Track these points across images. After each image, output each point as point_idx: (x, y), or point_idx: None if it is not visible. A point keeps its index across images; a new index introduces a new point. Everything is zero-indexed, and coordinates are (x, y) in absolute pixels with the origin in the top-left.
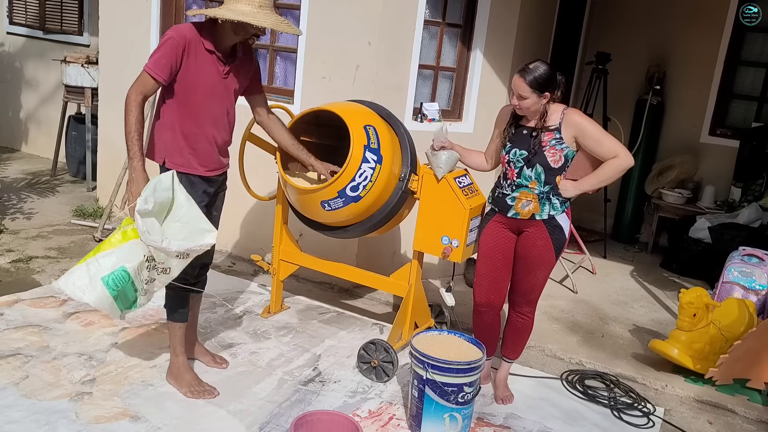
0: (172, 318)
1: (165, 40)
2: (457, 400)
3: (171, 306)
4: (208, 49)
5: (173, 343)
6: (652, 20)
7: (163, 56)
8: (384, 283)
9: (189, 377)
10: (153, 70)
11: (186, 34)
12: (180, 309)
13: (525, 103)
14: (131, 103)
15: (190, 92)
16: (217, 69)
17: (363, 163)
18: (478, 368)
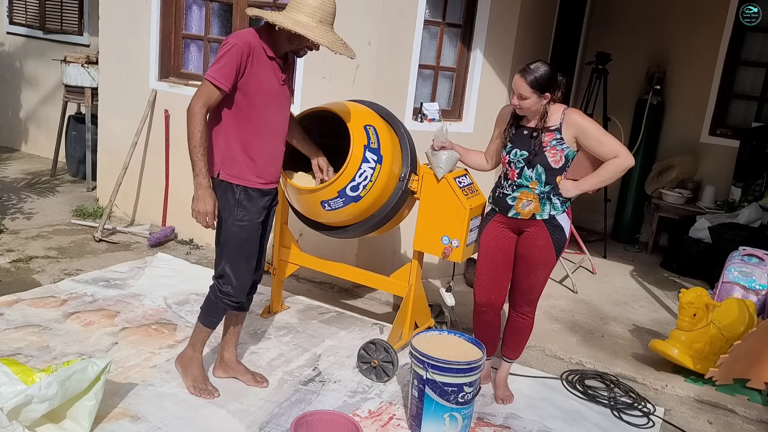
0: (204, 321)
1: (229, 47)
2: (457, 400)
3: (207, 310)
4: (269, 56)
5: (195, 339)
6: (652, 20)
7: (227, 64)
8: (384, 283)
9: (197, 372)
10: (217, 80)
11: (250, 41)
12: (214, 318)
13: (525, 104)
14: (196, 116)
15: (251, 100)
16: (277, 75)
17: (363, 163)
18: (478, 368)
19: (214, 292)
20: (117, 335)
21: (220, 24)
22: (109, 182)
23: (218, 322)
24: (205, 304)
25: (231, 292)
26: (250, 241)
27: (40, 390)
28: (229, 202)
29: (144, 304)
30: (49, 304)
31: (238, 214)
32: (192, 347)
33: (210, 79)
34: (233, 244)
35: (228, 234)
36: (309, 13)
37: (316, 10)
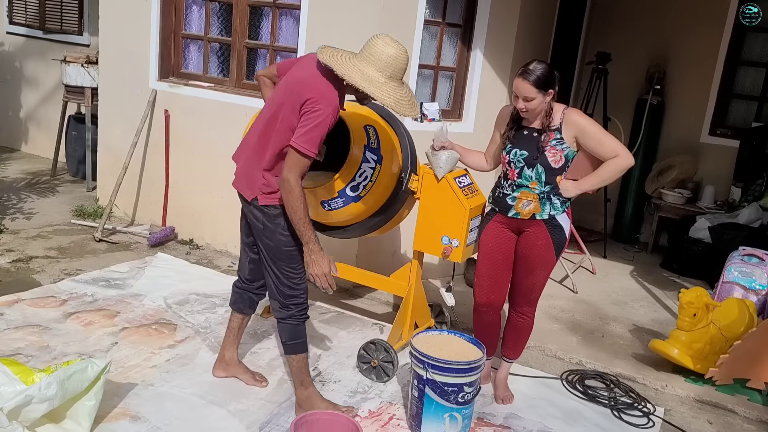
0: (294, 350)
1: (322, 117)
2: (457, 400)
3: (290, 337)
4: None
5: (301, 375)
6: (652, 20)
7: (319, 136)
8: (384, 283)
9: (323, 405)
10: (310, 150)
11: (336, 105)
12: (298, 340)
13: (532, 105)
14: (295, 190)
15: None
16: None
17: (363, 163)
18: (478, 368)
19: (281, 313)
20: (117, 335)
21: (220, 24)
22: (109, 182)
23: (306, 342)
24: (285, 335)
25: (302, 302)
26: (299, 248)
27: (39, 390)
28: (271, 217)
29: (144, 304)
30: (49, 304)
31: (284, 224)
32: (301, 386)
33: (303, 151)
34: (286, 253)
35: (279, 246)
36: (380, 68)
37: (387, 66)
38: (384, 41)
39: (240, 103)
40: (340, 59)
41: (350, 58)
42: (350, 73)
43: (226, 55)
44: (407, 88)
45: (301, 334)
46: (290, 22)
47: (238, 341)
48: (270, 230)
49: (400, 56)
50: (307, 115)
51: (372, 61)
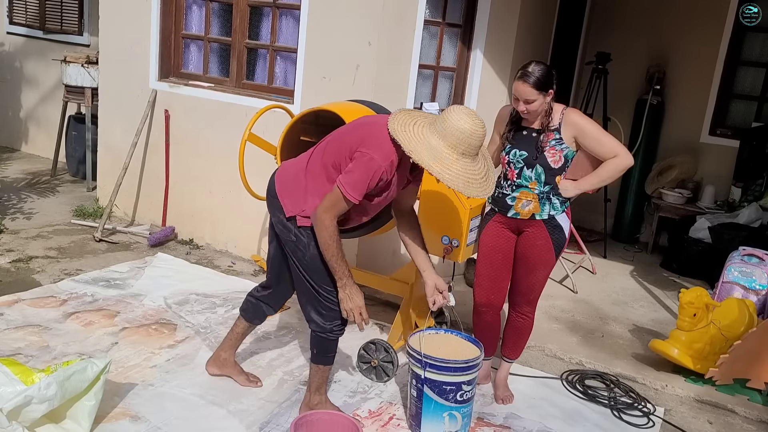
0: (323, 362)
1: (373, 167)
2: (456, 399)
3: (321, 351)
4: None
5: (318, 383)
6: (652, 20)
7: (366, 182)
8: (384, 283)
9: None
10: (354, 197)
11: (393, 160)
12: (328, 354)
13: (533, 106)
14: (329, 229)
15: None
16: (402, 182)
17: None
18: (476, 366)
19: (320, 329)
20: (117, 335)
21: (220, 24)
22: (109, 182)
23: (335, 355)
24: (316, 348)
25: (335, 317)
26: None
27: (39, 390)
28: (307, 231)
29: (144, 304)
30: (49, 304)
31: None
32: (317, 392)
33: (347, 196)
34: (323, 267)
35: (314, 260)
36: (452, 144)
37: (460, 142)
38: (459, 115)
39: (240, 103)
40: (410, 130)
41: (422, 130)
42: (418, 150)
43: (226, 55)
44: (483, 163)
45: (333, 347)
46: (290, 22)
47: (237, 345)
48: (304, 244)
49: (476, 132)
50: (357, 159)
51: (444, 135)
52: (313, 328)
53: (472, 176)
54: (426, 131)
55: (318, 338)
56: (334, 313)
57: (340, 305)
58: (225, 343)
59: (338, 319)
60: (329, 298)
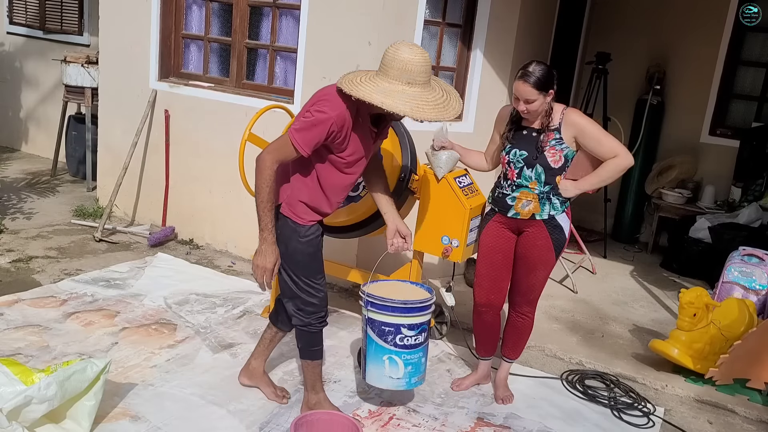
0: (310, 356)
1: (323, 118)
2: (395, 342)
3: (305, 344)
4: (361, 119)
5: (313, 381)
6: (652, 20)
7: (316, 135)
8: None
9: None
10: (300, 145)
11: (344, 115)
12: (313, 347)
13: (533, 106)
14: (266, 171)
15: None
16: (367, 141)
17: None
18: (419, 310)
19: (299, 320)
20: (117, 335)
21: (220, 24)
22: (109, 182)
23: (322, 349)
24: (301, 340)
25: (315, 310)
26: (317, 254)
27: (39, 391)
28: (289, 224)
29: (144, 304)
30: (49, 304)
31: (301, 230)
32: (312, 390)
33: (293, 142)
34: (304, 260)
35: (295, 253)
36: (395, 76)
37: (402, 72)
38: (395, 47)
39: (240, 103)
40: (358, 81)
41: (370, 78)
42: (367, 92)
43: (226, 55)
44: (440, 91)
45: (317, 341)
46: (290, 22)
47: (267, 353)
48: (285, 236)
49: (415, 59)
50: (310, 112)
51: (387, 71)
52: (295, 323)
53: (423, 102)
54: (373, 77)
55: (300, 332)
56: (313, 307)
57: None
58: (255, 350)
59: (319, 312)
60: (309, 291)
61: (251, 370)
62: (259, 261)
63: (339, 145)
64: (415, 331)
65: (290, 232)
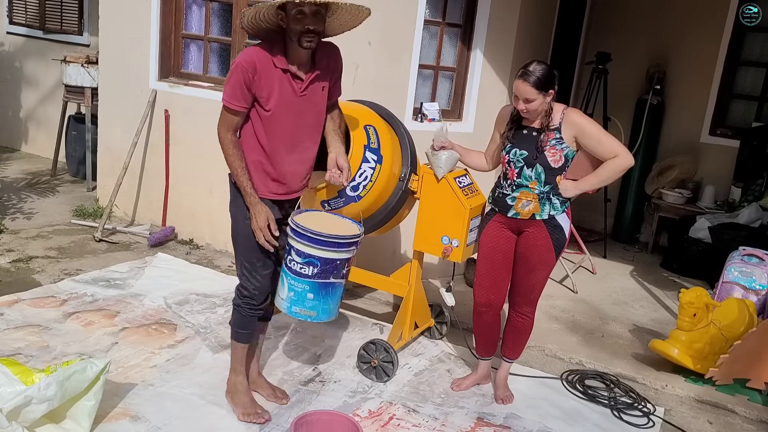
0: (234, 337)
1: (233, 67)
2: (286, 262)
3: (235, 324)
4: (281, 68)
5: (233, 361)
6: (652, 20)
7: (235, 84)
8: (384, 283)
9: (245, 399)
10: (229, 102)
11: (254, 57)
12: (243, 330)
13: (533, 105)
14: (223, 142)
15: (264, 116)
16: (293, 87)
17: (363, 163)
18: (311, 240)
19: (235, 299)
20: (117, 335)
21: (220, 24)
22: (109, 182)
23: (250, 335)
24: (232, 319)
25: (248, 295)
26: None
27: (39, 391)
28: (239, 200)
29: (144, 304)
30: (49, 304)
31: (248, 213)
32: (233, 371)
33: (224, 102)
34: (246, 244)
35: (239, 233)
36: None
37: None
38: None
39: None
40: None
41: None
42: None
43: (226, 55)
44: None
45: (247, 326)
46: None
47: (258, 353)
48: (232, 213)
49: None
50: None
51: None
52: (233, 298)
53: None
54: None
55: (233, 309)
56: (248, 292)
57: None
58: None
59: (252, 300)
60: (245, 275)
61: (249, 376)
62: (252, 224)
63: (259, 94)
64: (302, 259)
65: (238, 209)
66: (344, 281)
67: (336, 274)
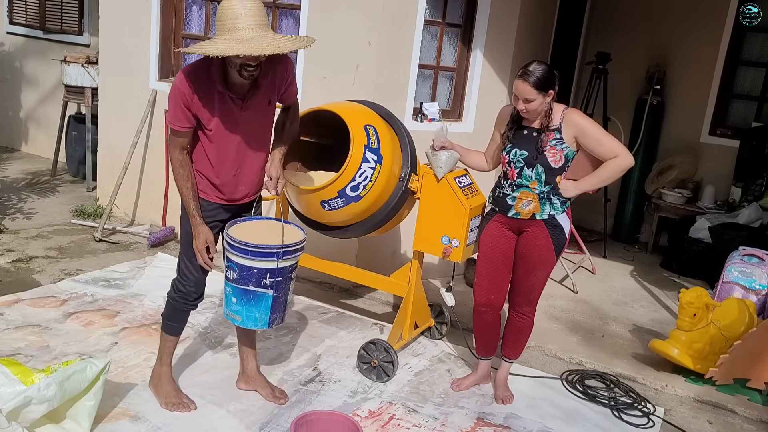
0: (165, 329)
1: (172, 90)
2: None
3: (167, 315)
4: (218, 90)
5: (161, 352)
6: (652, 20)
7: (176, 107)
8: (384, 283)
9: (168, 388)
10: (173, 123)
11: (191, 82)
12: (173, 322)
13: (532, 106)
14: (173, 162)
15: (208, 135)
16: (234, 106)
17: (363, 163)
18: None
19: (170, 292)
20: (117, 335)
21: None
22: (109, 182)
23: (180, 328)
24: (165, 311)
25: (185, 291)
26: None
27: (38, 391)
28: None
29: (144, 304)
30: (49, 304)
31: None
32: (159, 361)
33: (168, 123)
34: (187, 241)
35: (186, 231)
36: (220, 29)
37: (221, 22)
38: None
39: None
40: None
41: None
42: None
43: None
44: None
45: (178, 318)
46: (290, 22)
47: (253, 351)
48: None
49: (224, 4)
50: None
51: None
52: (168, 291)
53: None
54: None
55: (166, 301)
56: (183, 287)
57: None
58: (240, 353)
59: (189, 296)
60: (183, 271)
61: (247, 374)
62: (193, 245)
63: (200, 115)
64: (227, 262)
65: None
66: (272, 292)
67: (255, 283)
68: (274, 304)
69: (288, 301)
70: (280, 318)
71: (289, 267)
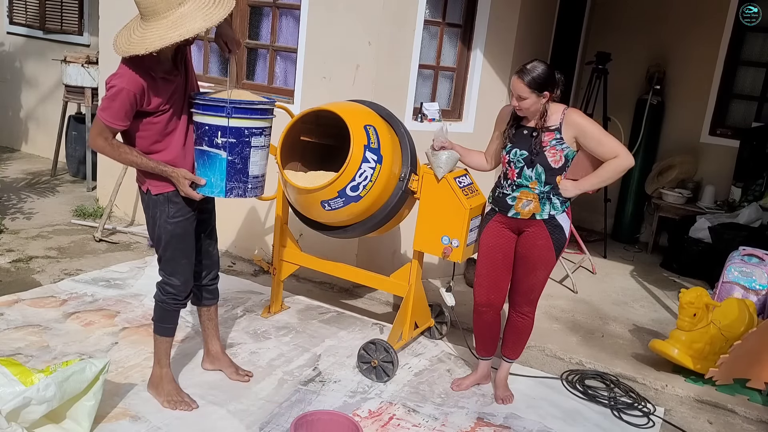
0: (158, 332)
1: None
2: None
3: (158, 318)
4: (160, 77)
5: (158, 355)
6: (652, 20)
7: (120, 109)
8: (384, 283)
9: (169, 387)
10: (114, 122)
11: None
12: (164, 324)
13: (524, 104)
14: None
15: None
16: (171, 85)
17: (363, 163)
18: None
19: (158, 295)
20: (117, 335)
21: None
22: (109, 182)
23: (173, 329)
24: (155, 314)
25: (174, 291)
26: (186, 236)
27: (38, 392)
28: (159, 201)
29: (144, 304)
30: (49, 304)
31: (169, 211)
32: (158, 364)
33: (105, 122)
34: (170, 241)
35: (163, 232)
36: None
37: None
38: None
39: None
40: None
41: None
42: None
43: None
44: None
45: (170, 319)
46: (290, 22)
47: (216, 332)
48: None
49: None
50: (107, 89)
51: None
52: (155, 295)
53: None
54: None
55: (156, 305)
56: (173, 288)
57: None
58: (204, 336)
59: (179, 294)
60: (166, 269)
61: (213, 355)
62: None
63: (147, 109)
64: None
65: (160, 210)
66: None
67: (208, 142)
68: (230, 170)
69: (252, 174)
70: (240, 189)
71: (244, 129)
